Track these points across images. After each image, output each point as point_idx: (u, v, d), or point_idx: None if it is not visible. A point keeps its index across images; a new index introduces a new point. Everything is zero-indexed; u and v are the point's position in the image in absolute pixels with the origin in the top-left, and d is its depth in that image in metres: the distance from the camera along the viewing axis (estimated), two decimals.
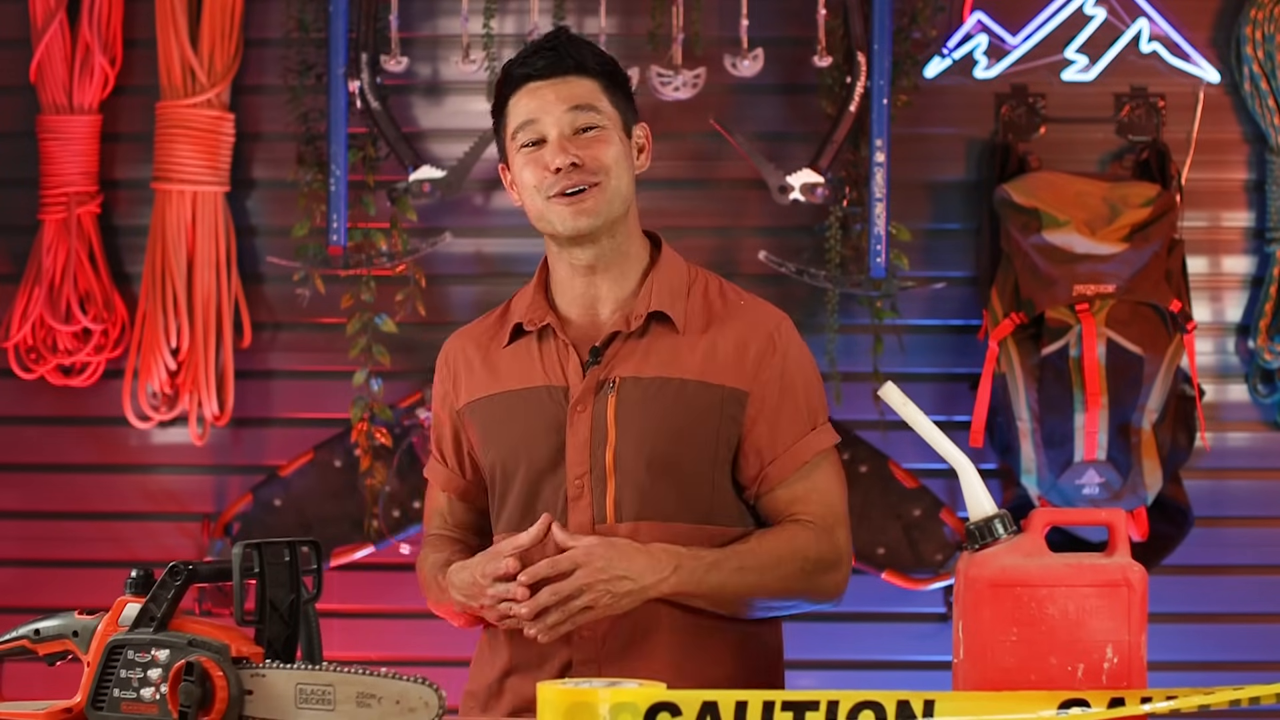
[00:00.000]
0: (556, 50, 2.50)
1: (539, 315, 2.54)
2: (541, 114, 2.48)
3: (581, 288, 2.54)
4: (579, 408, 2.48)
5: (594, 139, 2.48)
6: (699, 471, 2.49)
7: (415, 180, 4.14)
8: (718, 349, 2.51)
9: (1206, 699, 1.90)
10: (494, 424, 2.54)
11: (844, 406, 4.15)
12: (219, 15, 4.20)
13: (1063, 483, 3.91)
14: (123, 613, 2.12)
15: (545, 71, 2.49)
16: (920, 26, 4.16)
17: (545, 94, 2.49)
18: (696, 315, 2.54)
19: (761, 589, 2.48)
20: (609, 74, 2.53)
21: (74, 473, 4.33)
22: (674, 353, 2.50)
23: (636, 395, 2.48)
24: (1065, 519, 2.16)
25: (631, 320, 2.50)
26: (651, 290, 2.52)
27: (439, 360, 2.66)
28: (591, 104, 2.49)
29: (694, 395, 2.48)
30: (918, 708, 1.92)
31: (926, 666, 4.17)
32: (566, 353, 2.51)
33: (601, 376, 2.49)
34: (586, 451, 2.47)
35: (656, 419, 2.47)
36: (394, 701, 1.97)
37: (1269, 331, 4.19)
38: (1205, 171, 4.23)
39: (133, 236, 4.30)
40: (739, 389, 2.50)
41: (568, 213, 2.47)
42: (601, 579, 2.35)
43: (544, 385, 2.51)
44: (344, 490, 4.23)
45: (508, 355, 2.56)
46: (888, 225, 4.07)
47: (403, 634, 4.19)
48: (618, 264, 2.53)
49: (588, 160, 2.46)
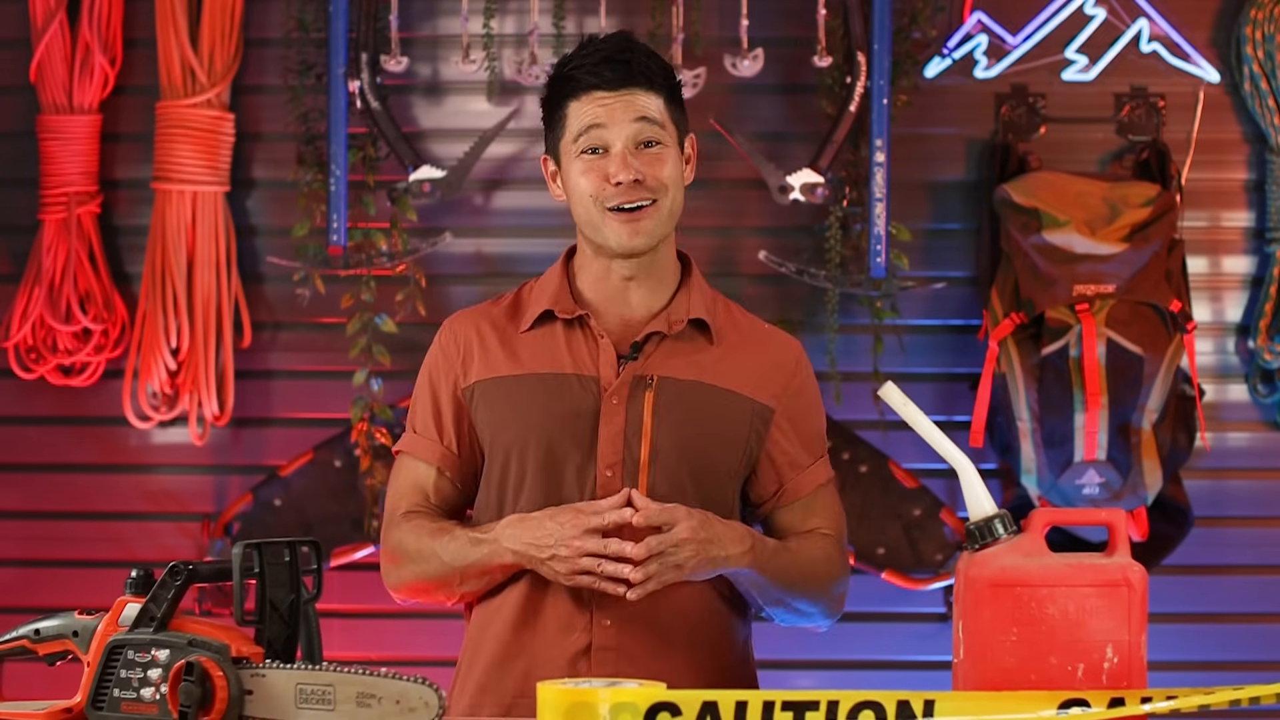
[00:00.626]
0: (629, 64, 2.49)
1: (570, 305, 2.55)
2: (608, 125, 2.48)
3: (615, 291, 2.56)
4: (614, 399, 2.49)
5: (656, 156, 2.50)
6: (722, 478, 2.53)
7: (415, 180, 4.14)
8: (749, 365, 2.56)
9: (1206, 699, 1.90)
10: (515, 405, 2.53)
11: (844, 406, 4.15)
12: (219, 15, 4.20)
13: (1063, 483, 3.92)
14: (123, 613, 2.12)
15: (614, 83, 2.49)
16: (920, 26, 4.17)
17: (613, 105, 2.48)
18: (728, 330, 2.59)
19: (801, 588, 2.54)
20: (671, 87, 2.54)
21: (74, 473, 4.33)
22: (709, 361, 2.54)
23: (673, 395, 2.50)
24: (1065, 519, 2.16)
25: (672, 323, 2.53)
26: (689, 299, 2.56)
27: (443, 336, 2.61)
28: (656, 118, 2.50)
29: (727, 404, 2.52)
30: (918, 708, 1.92)
31: (926, 666, 4.17)
32: (597, 344, 2.52)
33: (639, 372, 2.50)
34: (620, 442, 2.48)
35: (691, 421, 2.50)
36: (394, 701, 1.97)
37: (1269, 331, 4.19)
38: (1205, 171, 4.23)
39: (133, 236, 4.30)
40: (767, 405, 2.55)
41: (625, 231, 2.49)
42: (700, 537, 2.39)
43: (574, 373, 2.51)
44: (344, 490, 4.23)
45: (529, 340, 2.55)
46: (888, 225, 4.08)
47: (403, 634, 4.19)
48: (655, 276, 2.56)
49: (649, 177, 2.48)
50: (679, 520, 2.38)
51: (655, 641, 2.47)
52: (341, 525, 4.20)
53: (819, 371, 4.10)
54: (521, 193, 4.27)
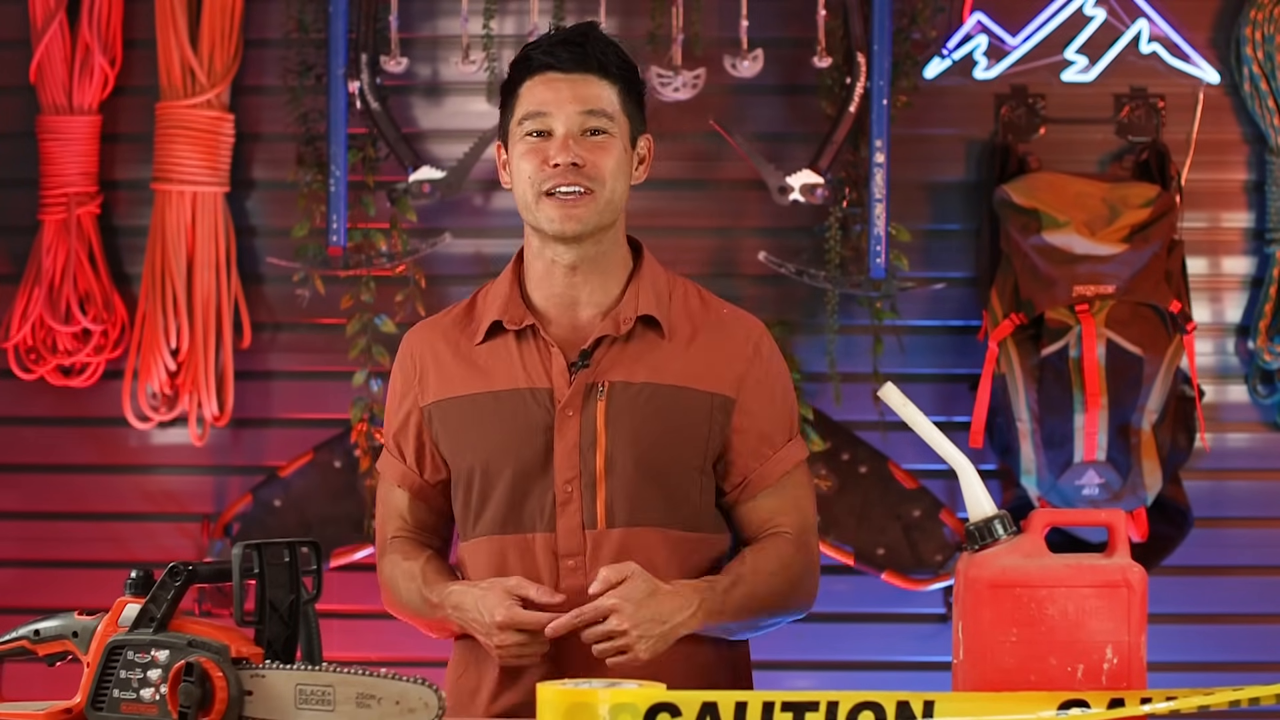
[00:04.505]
0: (584, 47, 2.47)
1: (519, 314, 2.51)
2: (554, 108, 2.46)
3: (561, 287, 2.51)
4: (568, 411, 2.45)
5: (599, 145, 2.46)
6: (688, 478, 2.48)
7: (415, 181, 4.14)
8: (704, 356, 2.50)
9: (1206, 699, 1.91)
10: (471, 425, 2.50)
11: (844, 407, 4.15)
12: (219, 16, 4.20)
13: (1062, 483, 3.92)
14: (122, 613, 2.12)
15: (568, 65, 2.46)
16: (920, 27, 4.16)
17: (561, 88, 2.46)
18: (681, 322, 2.53)
19: (763, 609, 2.49)
20: (628, 80, 2.51)
21: (74, 473, 4.33)
22: (662, 358, 2.49)
23: (626, 400, 2.46)
24: (1065, 520, 2.16)
25: (620, 324, 2.48)
26: (638, 294, 2.51)
27: (402, 353, 2.59)
28: (605, 109, 2.47)
29: (683, 401, 2.48)
30: (918, 708, 1.92)
31: (926, 667, 4.17)
32: (549, 354, 2.48)
33: (590, 380, 2.47)
34: (576, 456, 2.45)
35: (647, 424, 2.46)
36: (394, 702, 1.97)
37: (1269, 332, 4.19)
38: (1205, 172, 4.23)
39: (133, 237, 4.30)
40: (726, 396, 2.49)
41: (557, 214, 2.45)
42: (640, 619, 2.33)
43: (527, 388, 2.47)
44: (344, 491, 4.23)
45: (483, 353, 2.52)
46: (887, 226, 4.08)
47: (403, 634, 4.15)
48: (600, 267, 2.51)
49: (588, 165, 2.44)
50: (611, 612, 2.33)
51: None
52: (341, 526, 4.20)
53: (819, 372, 4.16)
54: None
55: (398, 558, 2.56)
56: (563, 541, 2.45)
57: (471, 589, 2.43)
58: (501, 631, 2.36)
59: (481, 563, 2.50)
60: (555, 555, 2.45)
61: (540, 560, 2.45)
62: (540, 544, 2.46)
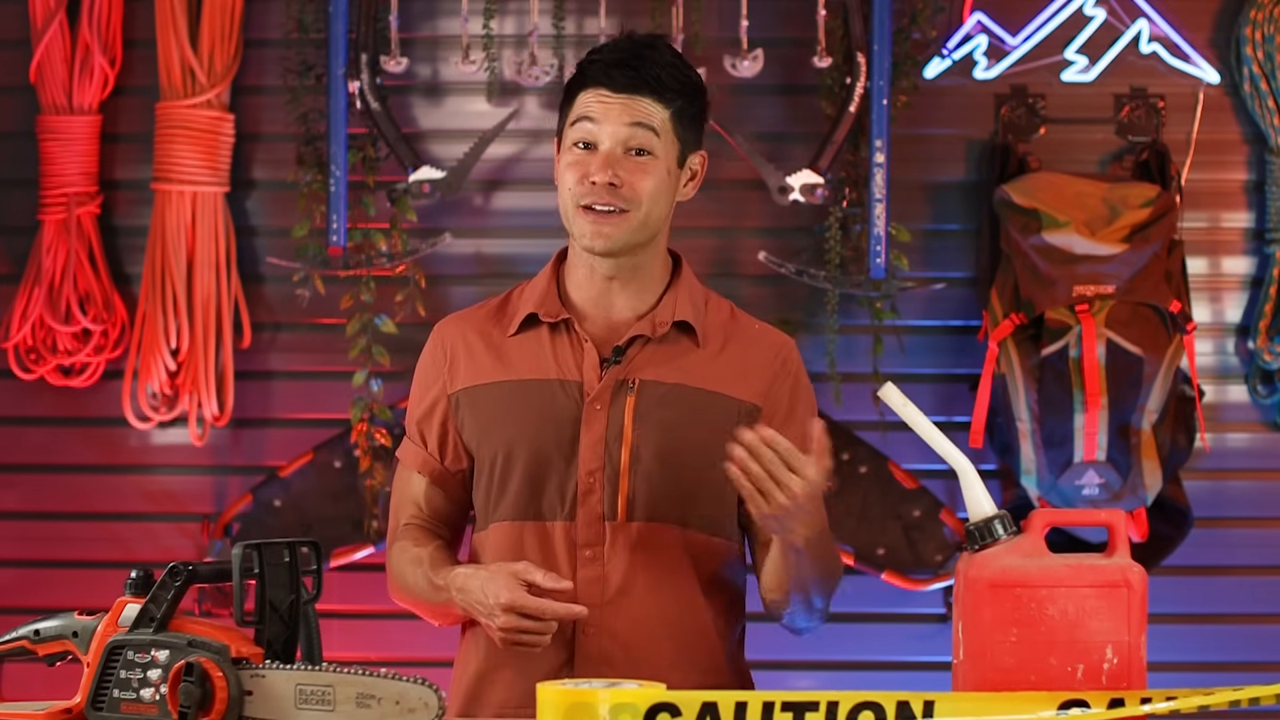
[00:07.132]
0: (639, 71, 2.47)
1: (555, 308, 2.54)
2: (601, 123, 2.47)
3: (599, 292, 2.54)
4: (596, 405, 2.48)
5: (641, 165, 2.47)
6: (711, 481, 2.48)
7: (415, 181, 4.14)
8: (734, 364, 2.54)
9: (1206, 699, 1.91)
10: (499, 412, 2.52)
11: (844, 407, 4.15)
12: (219, 16, 4.20)
13: (1062, 483, 3.92)
14: (122, 613, 2.12)
15: (622, 86, 2.47)
16: (920, 27, 4.17)
17: (611, 105, 2.47)
18: (714, 331, 2.56)
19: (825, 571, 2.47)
20: (686, 99, 2.51)
21: (74, 473, 4.33)
22: (694, 363, 2.52)
23: (656, 399, 2.49)
24: (1065, 520, 2.16)
25: (656, 326, 2.52)
26: (675, 301, 2.55)
27: (432, 342, 2.62)
28: (652, 129, 2.48)
29: (712, 406, 2.50)
30: (918, 708, 1.92)
31: (926, 667, 4.17)
32: (582, 349, 2.51)
33: (621, 377, 2.49)
34: (601, 448, 2.47)
35: (674, 424, 2.48)
36: (394, 702, 1.97)
37: (1269, 332, 4.19)
38: (1205, 172, 4.23)
39: (133, 237, 4.30)
40: (754, 404, 2.52)
41: (589, 229, 2.47)
42: (809, 498, 2.29)
43: (557, 379, 2.50)
44: (344, 491, 4.23)
45: (514, 344, 2.55)
46: (887, 226, 4.08)
47: (403, 634, 4.18)
48: (637, 279, 2.54)
49: (625, 186, 2.46)
50: (801, 474, 2.28)
51: (640, 650, 2.45)
52: (341, 526, 4.20)
53: (819, 373, 4.16)
54: (521, 193, 4.27)
55: (407, 543, 2.57)
56: (582, 531, 2.47)
57: (478, 571, 2.43)
58: (505, 613, 2.36)
59: (498, 546, 2.51)
60: (573, 544, 2.47)
61: (558, 548, 2.47)
62: (559, 532, 2.47)
